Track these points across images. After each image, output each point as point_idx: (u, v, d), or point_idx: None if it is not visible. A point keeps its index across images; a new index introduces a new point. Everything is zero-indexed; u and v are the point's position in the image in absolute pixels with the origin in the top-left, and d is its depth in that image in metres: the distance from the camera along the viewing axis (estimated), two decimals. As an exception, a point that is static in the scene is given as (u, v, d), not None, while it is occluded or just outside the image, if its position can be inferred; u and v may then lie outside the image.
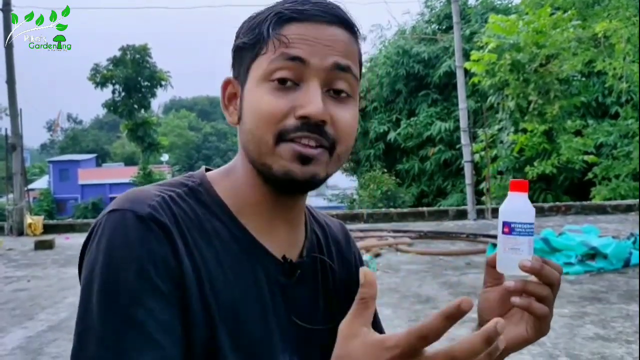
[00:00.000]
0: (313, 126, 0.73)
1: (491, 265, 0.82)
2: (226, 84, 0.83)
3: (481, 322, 0.85)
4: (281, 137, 0.73)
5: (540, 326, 0.79)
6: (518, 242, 0.76)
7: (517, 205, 0.78)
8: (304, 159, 0.74)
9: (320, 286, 0.89)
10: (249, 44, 0.77)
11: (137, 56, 31.23)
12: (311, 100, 0.73)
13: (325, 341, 0.86)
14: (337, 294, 0.91)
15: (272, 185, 0.78)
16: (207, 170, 0.87)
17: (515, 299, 0.76)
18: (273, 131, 0.73)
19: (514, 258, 0.76)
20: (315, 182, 0.76)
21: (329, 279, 0.90)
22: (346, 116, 0.76)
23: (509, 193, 0.79)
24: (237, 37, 0.81)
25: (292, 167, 0.74)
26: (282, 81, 0.74)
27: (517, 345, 0.81)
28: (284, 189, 0.78)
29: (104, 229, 0.71)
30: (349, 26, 0.77)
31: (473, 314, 0.87)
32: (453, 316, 0.55)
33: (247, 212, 0.81)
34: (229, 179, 0.83)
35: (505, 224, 0.77)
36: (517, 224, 0.77)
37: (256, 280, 0.79)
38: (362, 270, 0.64)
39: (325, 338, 0.86)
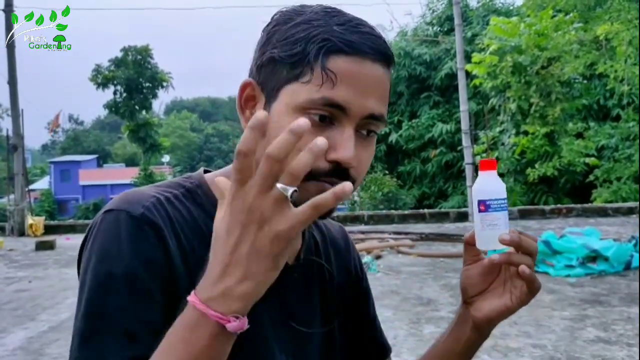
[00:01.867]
0: (341, 171, 0.73)
1: (469, 243, 0.86)
2: (245, 85, 0.79)
3: (465, 299, 0.89)
4: (311, 176, 0.71)
5: (526, 295, 0.83)
6: (495, 217, 0.80)
7: (489, 183, 0.82)
8: None
9: (317, 290, 0.89)
10: (286, 61, 0.73)
11: (139, 57, 31.25)
12: (345, 146, 0.72)
13: (321, 344, 0.87)
14: (334, 297, 0.91)
15: None
16: (207, 172, 0.86)
17: (496, 256, 0.81)
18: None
19: (493, 233, 0.80)
20: (329, 215, 0.76)
21: (326, 282, 0.90)
22: (369, 157, 0.77)
23: (480, 172, 0.83)
24: (269, 40, 0.76)
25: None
26: (322, 119, 0.72)
27: (502, 314, 0.85)
28: None
29: (98, 229, 0.72)
30: (389, 62, 0.76)
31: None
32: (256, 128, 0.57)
33: None
34: None
35: (480, 202, 0.81)
36: (492, 200, 0.81)
37: None
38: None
39: (322, 341, 0.88)
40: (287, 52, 0.73)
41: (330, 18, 0.73)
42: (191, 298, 0.61)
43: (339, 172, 0.73)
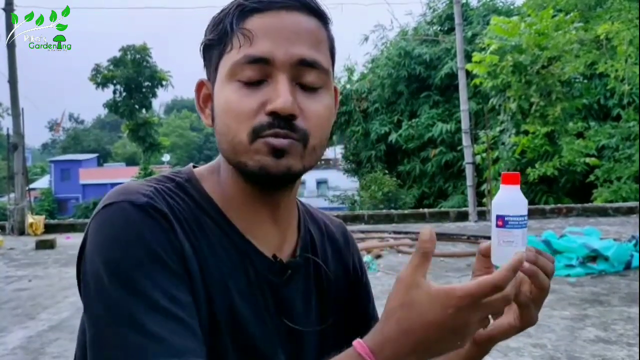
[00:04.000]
0: (283, 121, 0.72)
1: (483, 254, 0.82)
2: (200, 85, 0.82)
3: None
4: (255, 134, 0.72)
5: (526, 316, 0.79)
6: (512, 234, 0.77)
7: (509, 198, 0.79)
8: (277, 152, 0.73)
9: (313, 287, 0.87)
10: (215, 41, 0.76)
11: (138, 56, 31.21)
12: (279, 94, 0.71)
13: (317, 342, 0.86)
14: (331, 295, 0.90)
15: (250, 181, 0.78)
16: (195, 167, 0.86)
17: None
18: (246, 129, 0.73)
19: (508, 250, 0.77)
20: (291, 175, 0.75)
21: (323, 279, 0.89)
22: (317, 107, 0.75)
23: (501, 186, 0.80)
24: (204, 34, 0.79)
25: (266, 161, 0.73)
26: (248, 80, 0.73)
27: (505, 333, 0.82)
28: (262, 184, 0.77)
29: (103, 221, 0.70)
30: (314, 12, 0.75)
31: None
32: (516, 269, 0.66)
33: (234, 210, 0.80)
34: (215, 177, 0.82)
35: (498, 217, 0.78)
36: (511, 216, 0.77)
37: (248, 277, 0.78)
38: (422, 229, 0.67)
39: (317, 339, 0.86)
40: (213, 34, 0.76)
41: None
42: (360, 347, 0.65)
43: (281, 123, 0.72)
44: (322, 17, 0.77)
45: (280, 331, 0.81)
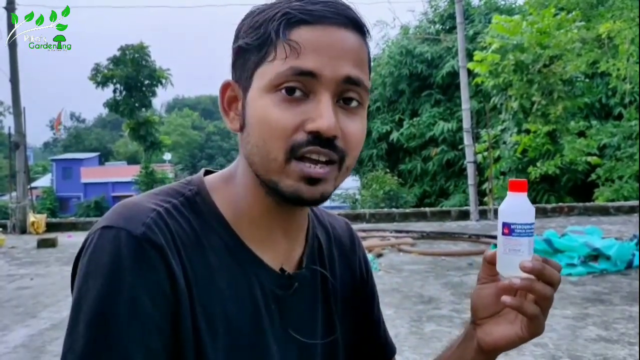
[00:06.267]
0: (324, 141, 0.70)
1: (489, 262, 0.81)
2: (225, 87, 0.78)
3: (474, 320, 0.84)
4: (292, 153, 0.70)
5: (533, 326, 0.78)
6: (518, 243, 0.76)
7: (516, 205, 0.77)
8: (312, 180, 0.71)
9: (320, 297, 0.86)
10: (253, 46, 0.72)
11: (136, 55, 31.20)
12: (322, 114, 0.69)
13: (324, 354, 0.85)
14: (338, 306, 0.88)
15: (277, 198, 0.75)
16: (208, 172, 0.84)
17: (507, 298, 0.76)
18: (284, 147, 0.70)
19: (514, 259, 0.76)
20: (323, 199, 0.74)
21: (329, 289, 0.87)
22: (356, 128, 0.74)
23: (508, 193, 0.78)
24: (238, 35, 0.76)
25: (299, 187, 0.71)
26: (290, 91, 0.70)
27: (512, 343, 0.81)
28: (290, 204, 0.76)
29: (95, 246, 0.69)
30: (360, 28, 0.74)
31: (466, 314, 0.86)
32: None
33: (245, 223, 0.78)
34: (228, 187, 0.80)
35: (505, 224, 0.77)
36: (517, 224, 0.76)
37: (252, 293, 0.77)
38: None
39: (325, 351, 0.85)
40: (252, 38, 0.72)
41: (289, 0, 0.72)
42: None
43: (322, 143, 0.70)
44: (365, 35, 0.75)
45: (286, 345, 0.79)
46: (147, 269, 0.68)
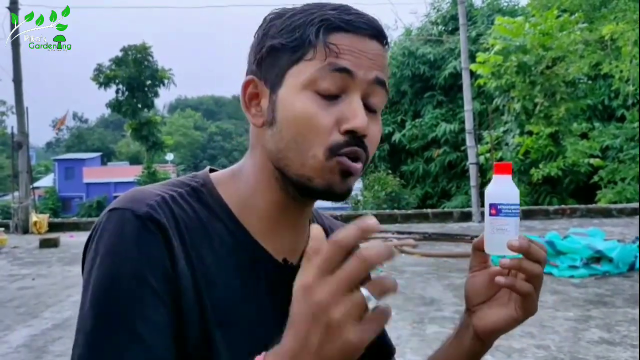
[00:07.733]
0: (358, 140, 0.74)
1: (478, 248, 0.84)
2: (247, 83, 0.80)
3: (469, 307, 0.87)
4: (332, 152, 0.73)
5: (528, 305, 0.82)
6: (505, 222, 0.79)
7: (502, 187, 0.81)
8: (347, 174, 0.74)
9: None
10: (288, 47, 0.75)
11: (139, 55, 31.26)
12: (356, 114, 0.73)
13: None
14: None
15: (302, 192, 0.77)
16: (212, 170, 0.86)
17: (500, 279, 0.80)
18: (324, 145, 0.73)
19: (501, 238, 0.79)
20: (349, 194, 0.77)
21: None
22: (377, 129, 0.78)
23: (494, 176, 0.82)
24: (267, 34, 0.78)
25: (335, 180, 0.74)
26: (325, 90, 0.74)
27: (507, 325, 0.84)
28: (320, 198, 0.78)
29: (103, 228, 0.72)
30: (384, 39, 0.79)
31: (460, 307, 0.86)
32: (368, 230, 0.54)
33: (251, 215, 0.80)
34: (234, 181, 0.82)
35: (492, 205, 0.80)
36: (504, 205, 0.79)
37: (256, 283, 0.78)
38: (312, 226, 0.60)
39: None
40: (288, 38, 0.76)
41: (322, 6, 0.77)
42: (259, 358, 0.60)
43: (357, 142, 0.74)
44: (386, 45, 0.80)
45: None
46: (149, 245, 0.71)
